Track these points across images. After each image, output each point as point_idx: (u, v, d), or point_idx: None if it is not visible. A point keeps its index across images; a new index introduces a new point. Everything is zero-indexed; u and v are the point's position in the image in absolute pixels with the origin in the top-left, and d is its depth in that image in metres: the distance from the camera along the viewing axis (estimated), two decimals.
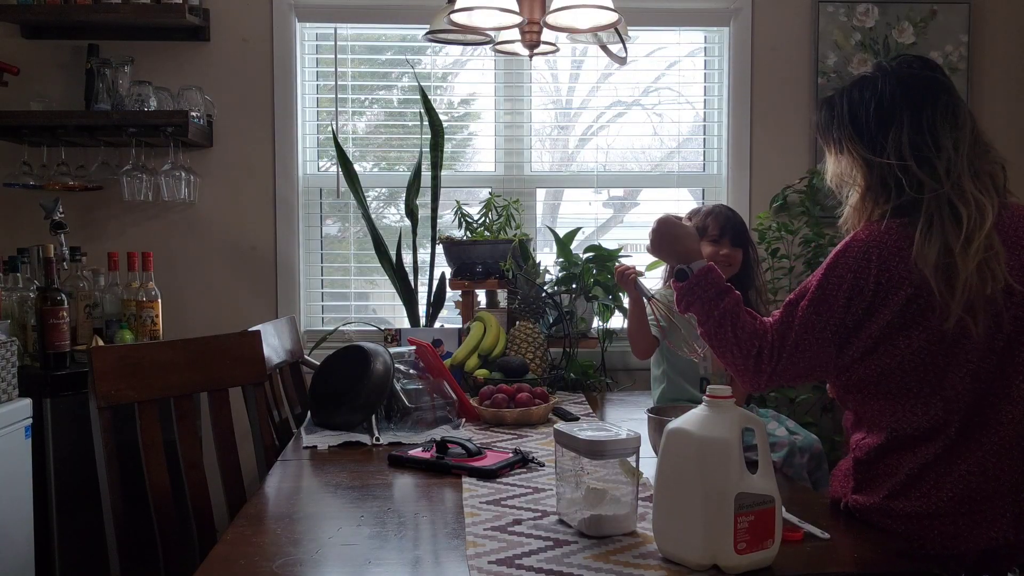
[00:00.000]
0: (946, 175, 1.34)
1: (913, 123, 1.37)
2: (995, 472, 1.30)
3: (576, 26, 1.97)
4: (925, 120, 1.37)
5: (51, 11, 2.68)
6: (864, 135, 1.42)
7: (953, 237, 1.30)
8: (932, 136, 1.36)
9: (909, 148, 1.36)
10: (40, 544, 2.13)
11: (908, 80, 1.41)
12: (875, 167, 1.40)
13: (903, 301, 1.31)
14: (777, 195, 2.90)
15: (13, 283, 2.42)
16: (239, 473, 1.86)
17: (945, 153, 1.35)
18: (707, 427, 1.14)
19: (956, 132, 1.37)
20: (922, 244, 1.31)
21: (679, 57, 3.10)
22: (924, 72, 1.42)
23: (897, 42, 2.94)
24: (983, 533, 1.29)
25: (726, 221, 2.17)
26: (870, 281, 1.33)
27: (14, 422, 2.03)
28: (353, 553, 1.20)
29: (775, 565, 1.13)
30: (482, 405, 2.06)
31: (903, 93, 1.40)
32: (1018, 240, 1.35)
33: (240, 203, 2.91)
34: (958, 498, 1.29)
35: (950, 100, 1.39)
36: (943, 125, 1.37)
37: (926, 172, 1.35)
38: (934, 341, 1.31)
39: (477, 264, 2.58)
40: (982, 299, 1.28)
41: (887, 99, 1.40)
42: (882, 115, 1.40)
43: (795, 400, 2.70)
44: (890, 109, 1.39)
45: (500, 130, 3.04)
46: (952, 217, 1.31)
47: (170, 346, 1.86)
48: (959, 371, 1.31)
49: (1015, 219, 1.37)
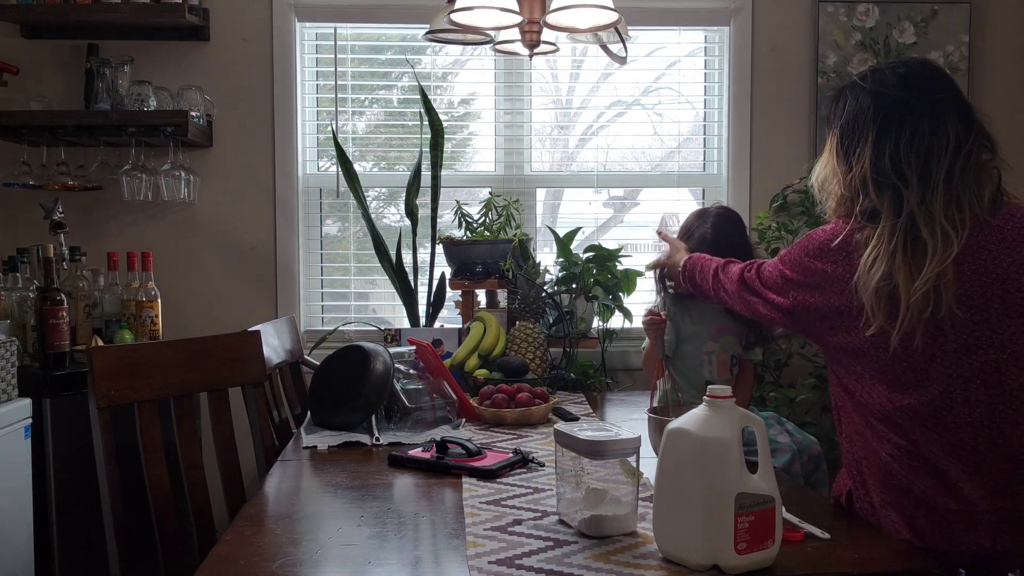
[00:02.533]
0: (917, 203, 1.31)
1: (876, 148, 1.36)
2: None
3: (576, 26, 1.96)
4: (889, 147, 1.35)
5: (51, 11, 2.68)
6: (842, 148, 1.42)
7: (901, 266, 1.29)
8: (894, 163, 1.34)
9: (870, 172, 1.36)
10: (40, 544, 2.13)
11: (878, 99, 1.39)
12: (844, 183, 1.41)
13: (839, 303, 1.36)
14: (777, 195, 2.90)
15: (13, 283, 2.41)
16: (239, 473, 1.86)
17: (909, 181, 1.32)
18: (707, 427, 1.14)
19: (927, 160, 1.33)
20: (864, 271, 1.31)
21: (679, 57, 3.10)
22: (898, 93, 1.38)
23: (898, 42, 2.94)
24: (966, 538, 1.29)
25: (711, 240, 2.07)
26: (814, 274, 1.40)
27: (14, 422, 2.03)
28: (353, 553, 1.20)
29: (775, 565, 1.13)
30: (482, 405, 2.05)
31: (873, 113, 1.38)
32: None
33: (240, 203, 2.91)
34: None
35: (924, 126, 1.34)
36: (908, 154, 1.33)
37: (885, 200, 1.34)
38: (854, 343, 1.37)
39: (477, 264, 2.58)
40: (922, 322, 1.28)
41: (860, 116, 1.39)
42: (854, 133, 1.40)
43: (795, 400, 2.69)
44: (861, 128, 1.39)
45: (500, 130, 3.04)
46: (909, 245, 1.30)
47: (170, 346, 1.86)
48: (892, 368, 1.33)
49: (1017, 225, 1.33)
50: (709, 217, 2.13)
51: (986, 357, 1.28)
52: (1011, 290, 1.29)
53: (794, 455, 1.87)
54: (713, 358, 2.15)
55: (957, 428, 1.29)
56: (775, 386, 2.77)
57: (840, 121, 1.43)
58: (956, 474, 1.29)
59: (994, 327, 1.28)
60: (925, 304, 1.27)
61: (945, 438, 1.29)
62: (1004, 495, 1.27)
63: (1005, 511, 1.27)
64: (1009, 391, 1.28)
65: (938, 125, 1.35)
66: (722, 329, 2.15)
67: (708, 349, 2.14)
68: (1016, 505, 1.28)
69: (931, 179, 1.32)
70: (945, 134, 1.34)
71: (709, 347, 2.14)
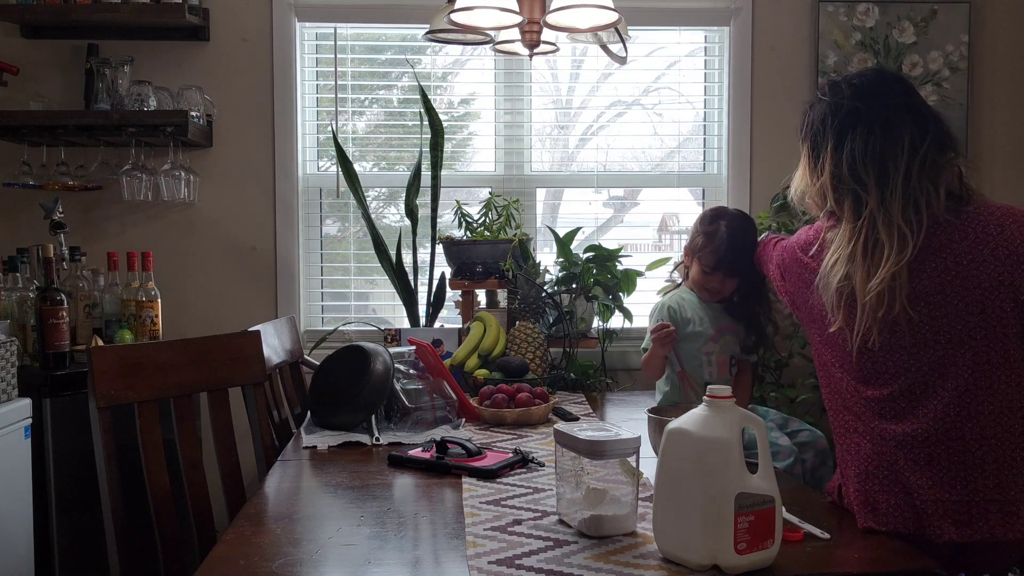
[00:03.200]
0: (877, 206, 1.37)
1: (833, 157, 1.43)
2: None
3: (576, 26, 1.96)
4: (845, 154, 1.42)
5: (51, 11, 2.68)
6: (809, 160, 1.51)
7: (860, 268, 1.36)
8: (851, 170, 1.41)
9: (830, 180, 1.44)
10: (40, 544, 2.13)
11: (834, 110, 1.46)
12: (811, 193, 1.51)
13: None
14: (777, 195, 2.90)
15: (13, 283, 2.41)
16: (239, 473, 1.86)
17: (867, 185, 1.39)
18: (707, 427, 1.14)
19: (883, 164, 1.39)
20: (824, 274, 1.41)
21: (679, 57, 3.09)
22: (851, 102, 1.45)
23: (897, 42, 2.94)
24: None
25: (723, 253, 2.05)
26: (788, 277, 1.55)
27: (14, 422, 2.03)
28: (353, 553, 1.20)
29: (775, 565, 1.13)
30: (482, 405, 2.05)
31: (830, 123, 1.45)
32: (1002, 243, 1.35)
33: (240, 203, 2.91)
34: None
35: (876, 131, 1.41)
36: (864, 159, 1.40)
37: (845, 206, 1.41)
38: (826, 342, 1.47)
39: (477, 264, 2.58)
40: (877, 321, 1.35)
41: (818, 127, 1.48)
42: (815, 144, 1.48)
43: (795, 400, 2.69)
44: (820, 139, 1.47)
45: (500, 130, 3.04)
46: (869, 247, 1.37)
47: (170, 346, 1.86)
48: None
49: (988, 223, 1.36)
50: (725, 216, 2.13)
51: (943, 351, 1.34)
52: (971, 287, 1.34)
53: (795, 458, 1.87)
54: (712, 359, 2.15)
55: (915, 419, 1.34)
56: (775, 386, 2.77)
57: (807, 134, 1.51)
58: (907, 464, 1.34)
59: (952, 322, 1.34)
60: (879, 304, 1.34)
61: (904, 429, 1.35)
62: (958, 484, 1.32)
63: (963, 501, 1.31)
64: (964, 384, 1.33)
65: (891, 129, 1.41)
66: (722, 329, 2.15)
67: (708, 350, 2.15)
68: (975, 495, 1.31)
69: (888, 182, 1.38)
70: (900, 137, 1.40)
71: (709, 348, 2.14)
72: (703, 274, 2.11)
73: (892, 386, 1.37)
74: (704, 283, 2.12)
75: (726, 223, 2.08)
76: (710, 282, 2.11)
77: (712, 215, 2.14)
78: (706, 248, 2.08)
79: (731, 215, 2.13)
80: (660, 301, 2.23)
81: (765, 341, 2.23)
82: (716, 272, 2.08)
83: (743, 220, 2.12)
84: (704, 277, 2.11)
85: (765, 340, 2.23)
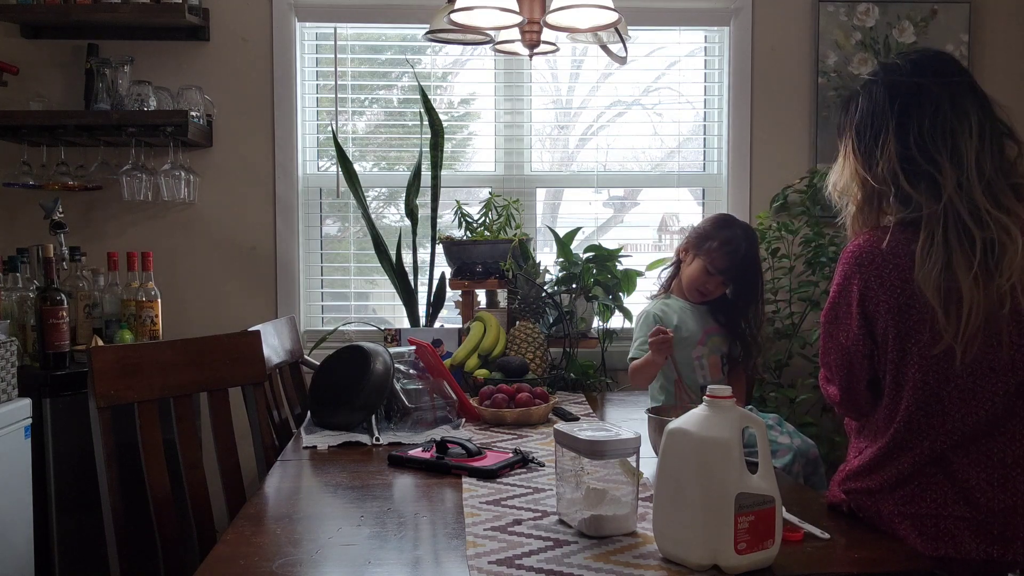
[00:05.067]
0: (955, 189, 1.26)
1: (899, 136, 1.31)
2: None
3: (576, 26, 1.96)
4: (912, 132, 1.30)
5: (51, 11, 2.68)
6: (861, 147, 1.37)
7: (960, 260, 1.23)
8: (921, 150, 1.29)
9: (898, 163, 1.30)
10: (40, 544, 2.13)
11: (894, 88, 1.34)
12: (868, 183, 1.35)
13: (894, 312, 1.28)
14: (777, 195, 2.90)
15: (13, 283, 2.41)
16: (239, 473, 1.86)
17: (943, 167, 1.27)
18: (707, 427, 1.14)
19: (955, 141, 1.28)
20: (921, 264, 1.25)
21: (679, 57, 3.09)
22: (912, 79, 1.33)
23: (897, 42, 2.94)
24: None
25: (731, 263, 2.09)
26: (854, 291, 1.31)
27: (14, 422, 2.03)
28: (353, 553, 1.20)
29: (775, 565, 1.13)
30: (482, 405, 2.05)
31: (889, 103, 1.33)
32: None
33: (240, 203, 2.91)
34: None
35: (945, 107, 1.30)
36: (934, 136, 1.29)
37: (921, 189, 1.28)
38: (925, 357, 1.27)
39: (477, 264, 2.58)
40: (984, 326, 1.22)
41: (877, 109, 1.35)
42: (874, 127, 1.35)
43: (795, 400, 2.69)
44: (880, 120, 1.34)
45: (500, 130, 3.04)
46: (962, 237, 1.24)
47: (170, 346, 1.86)
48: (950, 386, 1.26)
49: None
50: (741, 226, 2.14)
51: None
52: None
53: (795, 456, 1.88)
54: (704, 361, 2.16)
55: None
56: (775, 386, 2.77)
57: (854, 122, 1.39)
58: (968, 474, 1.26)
59: None
60: (989, 305, 1.21)
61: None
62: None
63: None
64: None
65: (958, 108, 1.30)
66: (708, 331, 2.16)
67: (698, 353, 2.15)
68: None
69: (963, 163, 1.27)
70: (967, 117, 1.29)
71: (699, 351, 2.15)
72: (704, 273, 2.11)
73: (976, 414, 1.25)
74: (701, 283, 2.12)
75: (742, 232, 2.12)
76: (707, 283, 2.11)
77: (726, 220, 2.18)
78: (721, 250, 2.10)
79: (746, 226, 2.19)
80: (643, 310, 2.23)
81: (756, 346, 2.23)
82: (720, 275, 2.08)
83: (755, 235, 2.20)
84: (704, 276, 2.11)
85: (756, 345, 2.23)
